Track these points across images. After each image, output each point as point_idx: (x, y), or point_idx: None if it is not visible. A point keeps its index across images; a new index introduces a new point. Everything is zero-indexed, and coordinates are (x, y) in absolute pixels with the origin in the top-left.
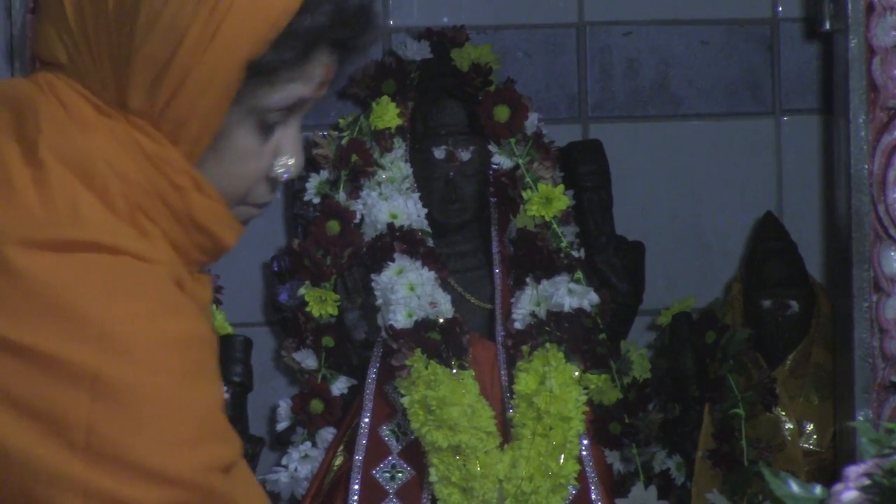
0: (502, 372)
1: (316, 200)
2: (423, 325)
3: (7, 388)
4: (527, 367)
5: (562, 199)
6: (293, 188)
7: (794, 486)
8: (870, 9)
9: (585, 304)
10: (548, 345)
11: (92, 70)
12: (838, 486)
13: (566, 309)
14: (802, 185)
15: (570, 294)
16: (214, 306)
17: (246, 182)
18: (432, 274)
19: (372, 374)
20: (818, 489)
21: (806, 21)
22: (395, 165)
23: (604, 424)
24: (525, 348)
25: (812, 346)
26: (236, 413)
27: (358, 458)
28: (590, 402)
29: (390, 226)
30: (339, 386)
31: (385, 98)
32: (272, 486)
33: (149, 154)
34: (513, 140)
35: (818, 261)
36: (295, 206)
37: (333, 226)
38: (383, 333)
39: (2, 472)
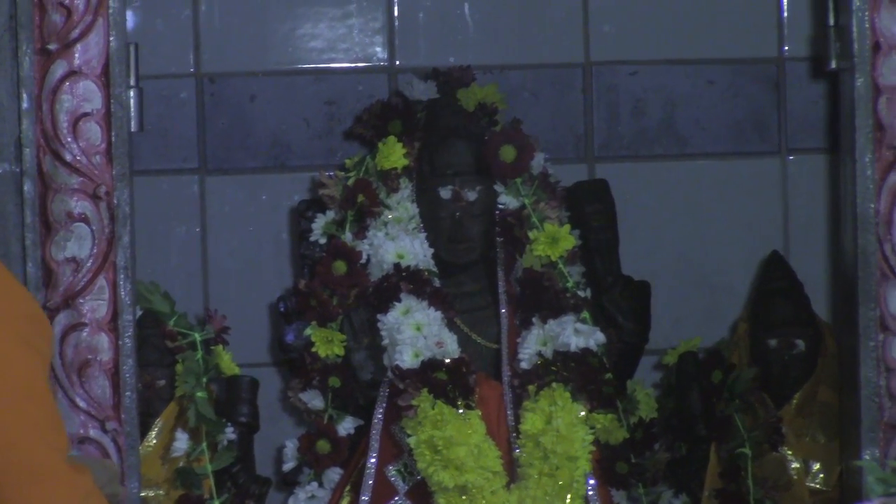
0: (509, 412)
1: (322, 241)
2: (430, 366)
3: None
4: (533, 406)
5: (568, 239)
6: (300, 228)
7: None
8: (876, 48)
9: (592, 344)
10: (554, 384)
11: None
12: None
13: (572, 349)
14: (808, 224)
15: (577, 334)
16: (221, 347)
17: None
18: (439, 314)
19: (378, 414)
20: None
21: (812, 60)
22: (402, 205)
23: (610, 464)
24: (531, 388)
25: (818, 385)
26: (243, 453)
27: (364, 498)
28: (596, 442)
29: (397, 266)
30: (346, 426)
31: (391, 138)
32: None
33: None
34: (519, 180)
35: (824, 300)
36: (301, 247)
37: (340, 266)
38: (390, 373)
39: None
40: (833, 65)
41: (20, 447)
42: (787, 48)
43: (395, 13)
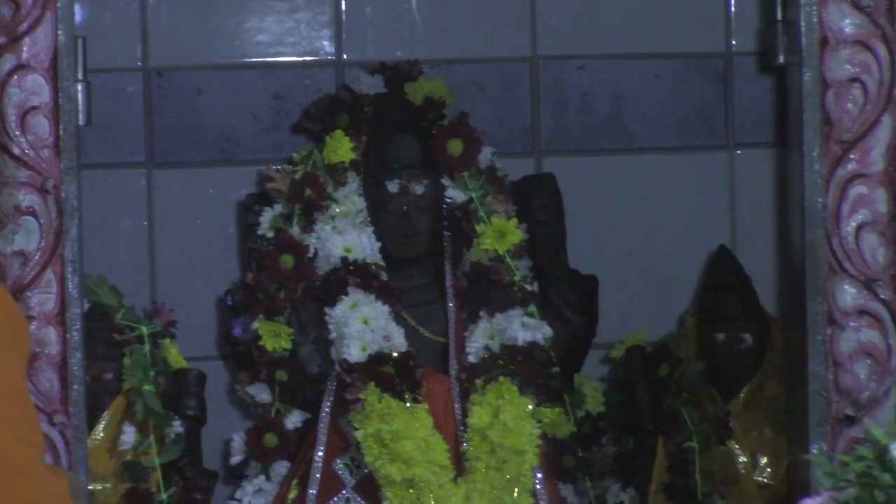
0: (456, 405)
1: (270, 234)
2: (377, 359)
3: None
4: (480, 400)
5: (515, 233)
6: (247, 222)
7: None
8: (824, 42)
9: (539, 338)
10: (501, 378)
11: None
12: None
13: (520, 342)
14: (756, 218)
15: (524, 328)
16: (168, 340)
17: None
18: (386, 308)
19: (326, 407)
20: None
21: (760, 55)
22: (349, 199)
23: (558, 458)
24: (479, 382)
25: (766, 379)
26: (190, 446)
27: (312, 491)
28: (543, 436)
29: (344, 259)
30: (293, 420)
31: (339, 132)
32: None
33: None
34: (466, 174)
35: (772, 294)
36: (249, 240)
37: (287, 260)
38: (337, 367)
39: None
40: (781, 59)
41: (0, 446)
42: (734, 42)
43: (343, 7)
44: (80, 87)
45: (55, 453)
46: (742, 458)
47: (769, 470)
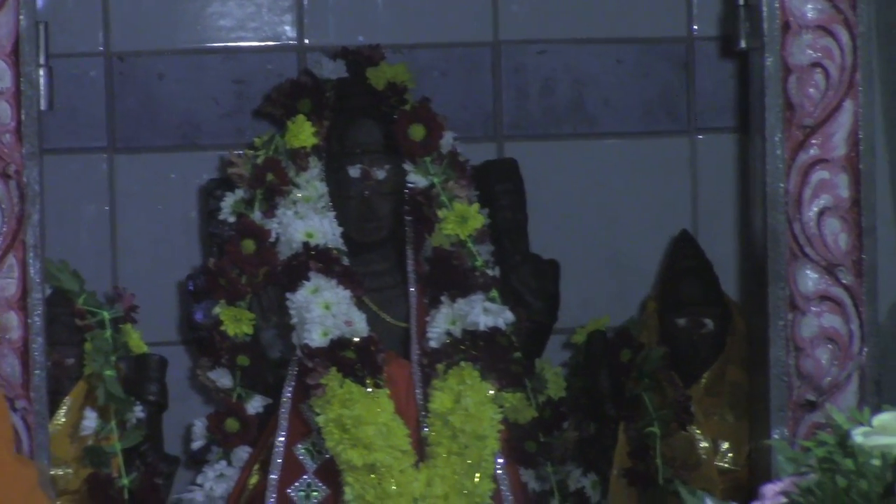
0: (417, 390)
1: (231, 219)
2: (339, 344)
3: None
4: (442, 385)
5: (477, 218)
6: (209, 207)
7: None
8: (786, 27)
9: (500, 323)
10: (463, 363)
11: None
12: None
13: (481, 328)
14: (718, 203)
15: (486, 313)
16: (130, 325)
17: None
18: (347, 293)
19: (287, 392)
20: None
21: (721, 40)
22: (311, 184)
23: (519, 443)
24: (440, 367)
25: (727, 364)
26: (151, 431)
27: (273, 476)
28: (505, 421)
29: (305, 245)
30: (255, 405)
31: (300, 117)
32: None
33: None
34: (428, 159)
35: (733, 279)
36: (210, 225)
37: (249, 245)
38: (298, 352)
39: None
40: (743, 44)
41: None
42: (696, 27)
43: None
44: (41, 72)
45: (17, 439)
46: (703, 444)
47: (730, 455)
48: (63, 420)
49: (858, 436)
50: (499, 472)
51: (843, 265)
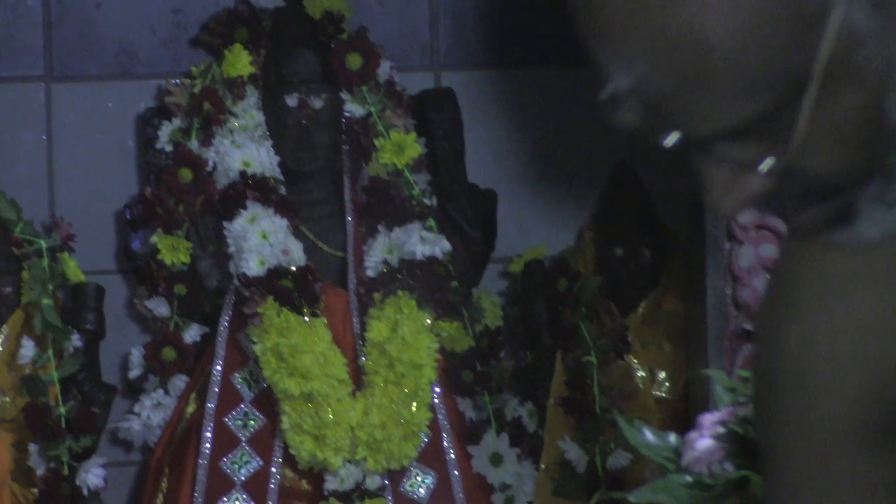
0: (354, 320)
1: (168, 148)
2: (276, 273)
3: None
4: (379, 314)
5: (414, 147)
6: (146, 136)
7: (649, 435)
8: None
9: (437, 252)
10: (400, 293)
11: None
12: (692, 434)
13: (418, 257)
14: None
15: (423, 242)
16: (67, 254)
17: None
18: (284, 222)
19: (224, 322)
20: (672, 437)
21: None
22: (248, 113)
23: (456, 372)
24: (377, 296)
25: (664, 294)
26: (88, 360)
27: (210, 405)
28: (442, 350)
29: (242, 174)
30: (192, 334)
31: (237, 46)
32: (125, 434)
33: None
34: (365, 88)
35: (671, 209)
36: (147, 154)
37: (186, 174)
38: (235, 281)
39: None
40: None
41: None
42: None
43: None
44: None
45: None
46: (640, 373)
47: (667, 385)
48: (0, 349)
49: None
50: (435, 401)
51: None
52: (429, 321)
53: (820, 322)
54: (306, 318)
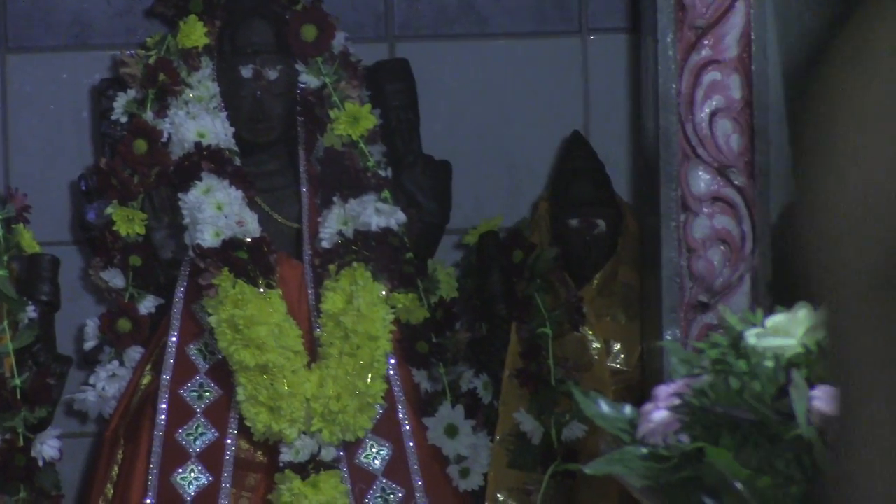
0: (310, 291)
1: (123, 119)
2: (231, 245)
3: None
4: (334, 286)
5: (369, 119)
6: (101, 107)
7: (605, 406)
8: None
9: (392, 224)
10: (355, 264)
11: None
12: (648, 406)
13: (373, 228)
14: (609, 104)
15: (378, 213)
16: (21, 225)
17: None
18: (240, 193)
19: (179, 293)
20: (628, 409)
21: None
22: (203, 84)
23: (411, 344)
24: (332, 267)
25: (619, 265)
26: (43, 332)
27: (165, 377)
28: (397, 322)
29: (197, 144)
30: (147, 305)
31: (192, 17)
32: (80, 406)
33: None
34: (320, 59)
35: (626, 180)
36: (102, 125)
37: (141, 145)
38: (190, 252)
39: None
40: None
41: None
42: None
43: None
44: None
45: None
46: (595, 345)
47: (622, 356)
48: None
49: (751, 337)
50: (391, 372)
51: (735, 166)
52: (384, 292)
53: (855, 154)
54: (261, 290)
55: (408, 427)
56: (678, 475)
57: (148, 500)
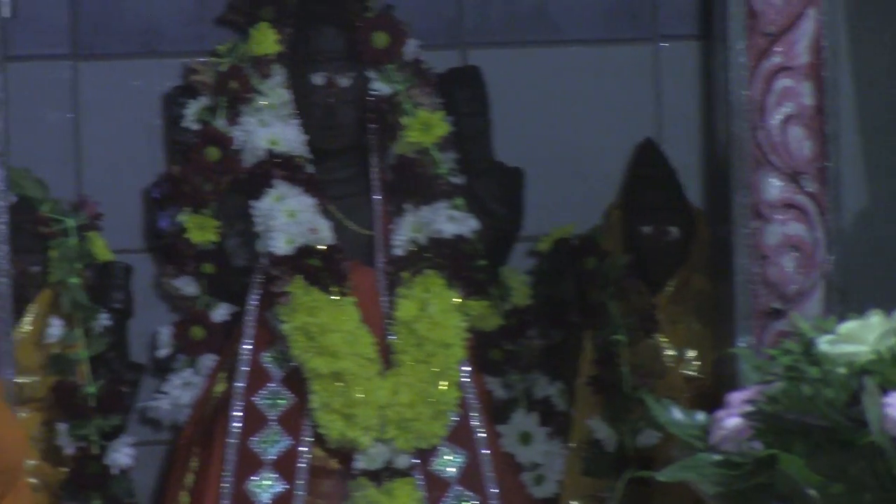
0: (383, 298)
1: (195, 127)
2: (303, 252)
3: None
4: (407, 293)
5: (441, 126)
6: (172, 114)
7: (677, 414)
8: None
9: (465, 231)
10: (428, 271)
11: None
12: (721, 413)
13: (446, 235)
14: (680, 110)
15: (450, 220)
16: (94, 233)
17: None
18: (312, 200)
19: (252, 300)
20: (700, 416)
21: None
22: (274, 92)
23: (484, 351)
24: (405, 275)
25: (692, 272)
26: (117, 339)
27: (239, 384)
28: (470, 329)
29: (269, 152)
30: (220, 312)
31: (263, 24)
32: (153, 413)
33: None
34: (391, 66)
35: (698, 187)
36: (174, 133)
37: (213, 152)
38: (263, 260)
39: None
40: None
41: None
42: None
43: None
44: None
45: None
46: (669, 352)
47: (696, 363)
48: (28, 328)
49: (824, 344)
50: (464, 379)
51: (806, 173)
52: (457, 300)
53: None
54: (334, 297)
55: (482, 434)
56: (751, 482)
57: None
